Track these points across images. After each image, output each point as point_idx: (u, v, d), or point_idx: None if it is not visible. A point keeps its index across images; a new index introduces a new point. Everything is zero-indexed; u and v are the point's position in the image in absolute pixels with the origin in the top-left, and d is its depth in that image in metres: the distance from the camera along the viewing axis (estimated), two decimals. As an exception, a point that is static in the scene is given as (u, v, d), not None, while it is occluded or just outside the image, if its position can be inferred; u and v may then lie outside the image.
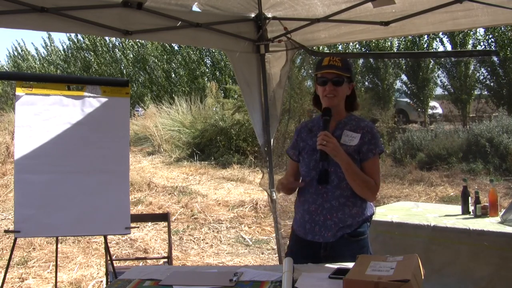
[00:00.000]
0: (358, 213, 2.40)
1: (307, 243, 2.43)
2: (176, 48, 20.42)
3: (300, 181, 2.53)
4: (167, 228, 4.08)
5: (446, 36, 14.07)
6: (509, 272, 3.21)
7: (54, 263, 4.08)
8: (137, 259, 5.27)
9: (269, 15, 3.90)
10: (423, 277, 1.82)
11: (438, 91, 15.24)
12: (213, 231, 6.65)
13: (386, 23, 3.61)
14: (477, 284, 3.34)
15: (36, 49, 29.07)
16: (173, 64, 20.62)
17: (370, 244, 2.47)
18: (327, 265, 2.22)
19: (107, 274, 3.74)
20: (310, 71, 15.23)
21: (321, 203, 2.40)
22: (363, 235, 2.42)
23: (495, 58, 13.13)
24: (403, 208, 4.22)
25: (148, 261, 5.14)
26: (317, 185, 2.41)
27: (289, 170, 2.63)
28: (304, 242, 2.45)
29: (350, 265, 2.03)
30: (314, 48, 4.42)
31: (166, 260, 4.14)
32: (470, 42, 13.76)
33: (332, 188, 2.39)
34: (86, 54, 24.23)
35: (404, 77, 15.49)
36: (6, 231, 4.97)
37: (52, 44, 26.64)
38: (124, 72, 22.03)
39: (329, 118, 2.40)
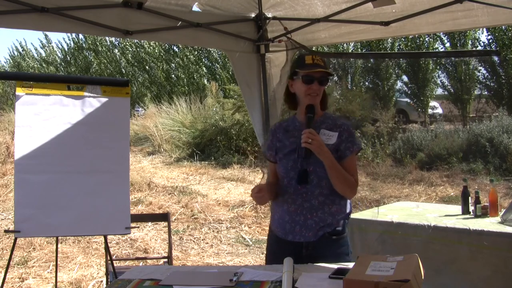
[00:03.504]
0: (337, 211, 2.41)
1: (288, 243, 2.42)
2: (175, 48, 20.43)
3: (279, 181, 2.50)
4: (167, 228, 4.08)
5: (446, 36, 14.07)
6: (509, 272, 3.21)
7: (54, 263, 4.08)
8: (137, 259, 5.27)
9: (269, 15, 3.90)
10: (423, 277, 1.82)
11: (438, 91, 15.26)
12: (213, 231, 6.65)
13: (386, 23, 3.61)
14: (477, 284, 3.34)
15: (36, 49, 29.04)
16: (172, 64, 20.64)
17: (350, 241, 2.50)
18: (327, 265, 2.22)
19: (107, 274, 3.75)
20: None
21: (301, 203, 2.38)
22: (343, 233, 2.44)
23: (495, 58, 13.12)
24: (403, 208, 4.22)
25: (148, 261, 5.14)
26: (296, 185, 2.38)
27: (269, 171, 2.60)
28: (284, 242, 2.43)
29: (350, 265, 2.03)
30: (314, 48, 4.42)
31: (166, 260, 4.14)
32: (470, 42, 13.77)
33: (311, 187, 2.37)
34: (86, 53, 24.24)
35: (404, 77, 15.50)
36: (6, 231, 4.97)
37: (50, 44, 26.67)
38: (124, 72, 22.03)
39: (313, 115, 2.38)
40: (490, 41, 13.36)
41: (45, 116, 3.18)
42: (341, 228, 2.43)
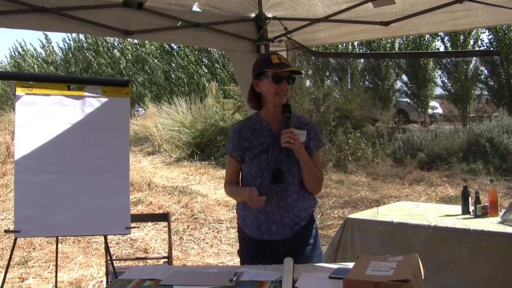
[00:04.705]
0: (309, 205, 2.49)
1: (264, 243, 2.44)
2: (174, 47, 20.45)
3: (246, 182, 2.49)
4: (167, 228, 4.08)
5: (447, 37, 14.07)
6: (509, 273, 3.21)
7: (54, 263, 4.08)
8: (137, 259, 5.27)
9: (269, 15, 3.90)
10: (423, 277, 1.82)
11: (438, 90, 15.26)
12: (213, 231, 6.65)
13: (387, 23, 3.61)
14: (477, 284, 3.33)
15: (35, 49, 29.03)
16: (172, 64, 20.64)
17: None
18: (327, 265, 2.22)
19: (107, 274, 3.75)
20: (310, 72, 15.25)
21: (277, 202, 2.40)
22: (314, 224, 2.54)
23: (496, 58, 13.12)
24: (403, 208, 4.22)
25: (148, 261, 5.14)
26: (270, 184, 2.40)
27: (231, 171, 2.54)
28: (260, 243, 2.45)
29: (350, 265, 2.03)
30: (314, 48, 4.42)
31: (166, 260, 4.14)
32: (472, 41, 13.76)
33: (286, 186, 2.41)
34: (86, 53, 24.25)
35: (404, 77, 15.51)
36: (6, 231, 4.97)
37: (50, 44, 26.68)
38: (124, 72, 22.04)
39: (290, 114, 2.40)
40: (492, 40, 13.36)
41: (45, 116, 3.18)
42: (312, 219, 2.53)
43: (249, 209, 2.45)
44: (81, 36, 23.84)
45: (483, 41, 13.80)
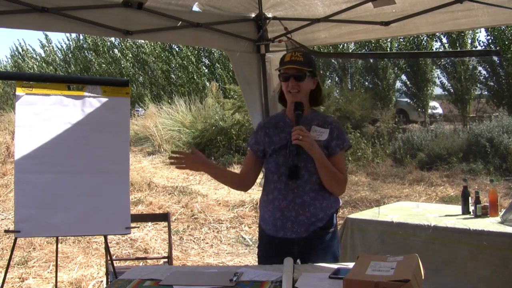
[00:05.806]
0: (328, 206, 2.45)
1: (279, 240, 2.43)
2: (175, 47, 20.44)
3: (267, 178, 2.51)
4: (167, 228, 4.08)
5: (446, 37, 14.06)
6: (509, 273, 3.21)
7: (54, 263, 4.08)
8: (137, 259, 5.28)
9: (270, 15, 3.90)
10: (423, 277, 1.82)
11: (438, 90, 15.25)
12: (213, 231, 6.65)
13: (387, 23, 3.61)
14: (477, 284, 3.34)
15: (34, 49, 29.02)
16: (172, 64, 20.64)
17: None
18: (327, 265, 2.23)
19: (107, 274, 3.75)
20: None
21: (293, 199, 2.40)
22: (333, 227, 2.48)
23: (495, 58, 13.11)
24: (403, 208, 4.22)
25: (148, 261, 5.15)
26: (287, 180, 2.40)
27: (244, 162, 2.63)
28: (276, 240, 2.45)
29: (350, 265, 2.03)
30: (314, 48, 4.42)
31: (166, 260, 4.14)
32: (469, 41, 13.76)
33: (302, 183, 2.40)
34: (86, 53, 24.24)
35: (404, 77, 15.50)
36: (6, 231, 4.97)
37: (50, 44, 26.66)
38: (124, 72, 22.03)
39: (302, 112, 2.41)
40: (490, 41, 13.35)
41: (45, 116, 3.18)
42: (332, 222, 2.48)
43: (267, 204, 2.48)
44: (80, 36, 23.84)
45: (480, 40, 13.81)
